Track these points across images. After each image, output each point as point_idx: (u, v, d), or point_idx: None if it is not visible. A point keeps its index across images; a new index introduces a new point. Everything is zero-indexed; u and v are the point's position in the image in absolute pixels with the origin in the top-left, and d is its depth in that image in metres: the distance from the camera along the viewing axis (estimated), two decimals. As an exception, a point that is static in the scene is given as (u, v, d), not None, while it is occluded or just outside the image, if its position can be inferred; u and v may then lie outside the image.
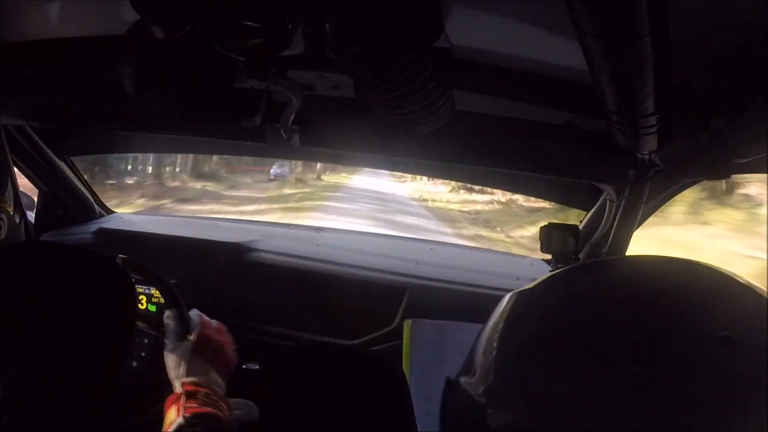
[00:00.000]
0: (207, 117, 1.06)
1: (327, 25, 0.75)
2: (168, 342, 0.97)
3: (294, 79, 0.91)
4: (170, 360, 0.94)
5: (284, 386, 1.41)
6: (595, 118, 0.98)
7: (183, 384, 0.88)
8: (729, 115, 0.71)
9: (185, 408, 0.82)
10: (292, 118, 0.99)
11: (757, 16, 0.61)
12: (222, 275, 1.53)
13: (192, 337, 0.96)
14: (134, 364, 1.29)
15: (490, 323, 0.54)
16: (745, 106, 0.68)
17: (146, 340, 1.30)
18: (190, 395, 0.85)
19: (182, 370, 0.90)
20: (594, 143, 1.02)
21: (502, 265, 1.68)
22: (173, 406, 0.84)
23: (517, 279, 1.52)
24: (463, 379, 0.52)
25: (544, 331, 0.48)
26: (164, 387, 1.24)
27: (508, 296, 0.55)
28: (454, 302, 1.44)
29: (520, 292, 0.54)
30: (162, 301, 1.41)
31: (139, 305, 1.42)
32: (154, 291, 1.42)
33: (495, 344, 0.50)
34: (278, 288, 1.52)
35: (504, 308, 0.54)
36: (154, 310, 1.43)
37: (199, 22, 0.72)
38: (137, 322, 1.24)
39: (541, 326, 0.48)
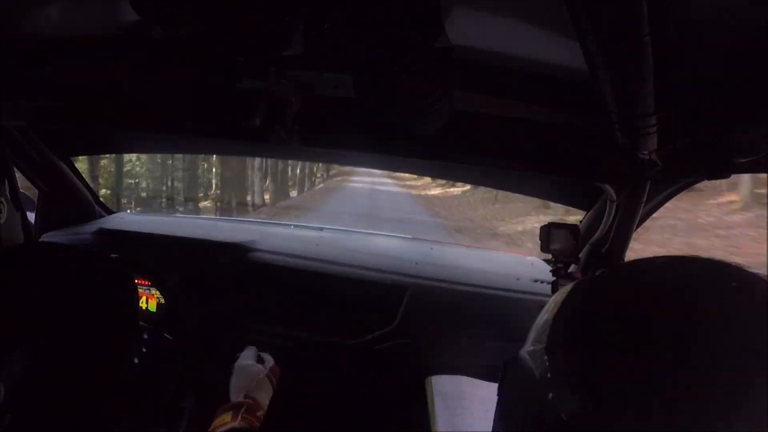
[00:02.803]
0: (207, 117, 1.06)
1: (327, 25, 0.75)
2: (244, 357, 1.08)
3: (294, 79, 0.91)
4: (242, 373, 1.04)
5: (285, 385, 1.41)
6: (595, 118, 0.98)
7: (247, 396, 0.97)
8: (729, 115, 0.71)
9: (242, 417, 0.91)
10: (292, 118, 0.99)
11: (758, 15, 0.61)
12: (222, 275, 1.53)
13: (268, 366, 1.08)
14: (136, 360, 1.29)
15: (551, 305, 0.56)
16: (745, 106, 0.68)
17: (146, 335, 1.30)
18: (250, 409, 0.93)
19: (253, 385, 1.00)
20: (594, 143, 1.02)
21: (502, 265, 1.69)
22: (231, 411, 0.92)
23: (518, 279, 1.52)
24: (525, 356, 0.54)
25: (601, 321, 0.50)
26: (165, 380, 1.25)
27: (570, 285, 0.57)
28: (454, 302, 1.44)
29: (578, 282, 0.57)
30: (162, 301, 1.41)
31: (140, 305, 1.43)
32: (154, 291, 1.42)
33: (553, 329, 0.52)
34: (278, 288, 1.52)
35: (564, 296, 0.56)
36: (154, 310, 1.43)
37: (199, 22, 0.72)
38: (138, 323, 1.24)
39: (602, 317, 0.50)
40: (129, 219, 1.87)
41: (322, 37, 0.75)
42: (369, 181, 22.62)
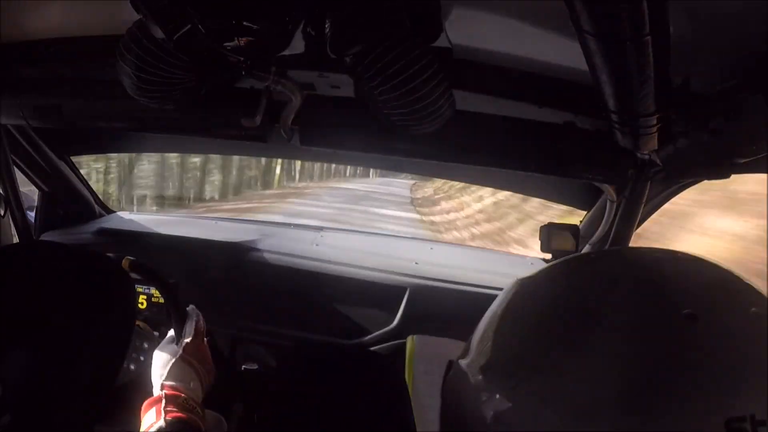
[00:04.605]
0: (207, 117, 1.06)
1: (327, 25, 0.75)
2: (161, 343, 0.97)
3: (294, 79, 0.91)
4: (157, 360, 0.94)
5: (284, 386, 1.41)
6: (595, 118, 0.98)
7: (163, 386, 0.87)
8: (729, 115, 0.71)
9: (166, 411, 0.81)
10: (292, 118, 0.99)
11: (757, 15, 0.61)
12: (222, 275, 1.53)
13: (183, 342, 0.95)
14: (132, 366, 1.29)
15: (493, 308, 0.56)
16: (745, 106, 0.68)
17: (146, 344, 1.30)
18: (170, 399, 0.84)
19: (165, 371, 0.90)
20: (594, 143, 1.02)
21: (502, 265, 1.69)
22: (152, 408, 0.83)
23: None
24: (462, 362, 0.53)
25: (541, 319, 0.50)
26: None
27: (511, 283, 0.57)
28: (454, 302, 1.44)
29: (523, 279, 0.56)
30: (161, 301, 1.41)
31: (139, 305, 1.43)
32: (153, 291, 1.42)
33: (495, 329, 0.53)
34: (278, 288, 1.52)
35: (507, 295, 0.56)
36: (153, 309, 1.43)
37: (198, 21, 0.72)
38: (137, 322, 1.24)
39: (539, 314, 0.50)
40: (129, 218, 1.87)
41: (322, 37, 0.75)
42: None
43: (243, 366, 1.31)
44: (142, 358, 1.29)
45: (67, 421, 0.77)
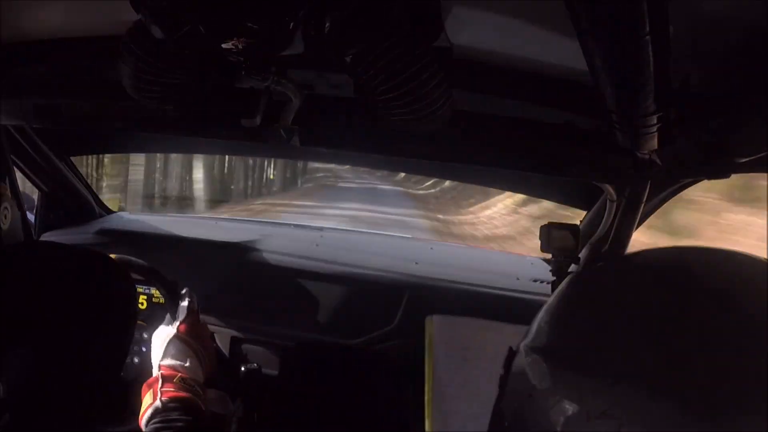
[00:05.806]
0: (207, 117, 1.06)
1: (327, 25, 0.75)
2: (158, 328, 0.98)
3: (294, 79, 0.91)
4: (154, 343, 0.94)
5: (284, 386, 1.41)
6: (595, 118, 0.98)
7: (160, 367, 0.88)
8: (729, 115, 0.71)
9: (162, 392, 0.82)
10: (291, 118, 0.99)
11: (758, 15, 0.61)
12: (222, 275, 1.53)
13: (177, 322, 0.95)
14: (136, 360, 1.29)
15: (556, 298, 0.53)
16: (745, 106, 0.68)
17: (145, 335, 1.30)
18: (166, 379, 0.84)
19: (162, 351, 0.90)
20: (594, 143, 1.02)
21: (502, 265, 1.69)
22: (149, 390, 0.83)
23: (517, 279, 1.52)
24: (526, 350, 0.51)
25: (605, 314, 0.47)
26: None
27: (572, 276, 0.55)
28: (454, 302, 1.44)
29: (584, 272, 0.54)
30: (162, 301, 1.41)
31: (139, 305, 1.43)
32: (154, 291, 1.42)
33: (560, 318, 0.50)
34: (278, 288, 1.52)
35: (569, 286, 0.53)
36: (155, 309, 1.43)
37: (198, 22, 0.72)
38: (138, 322, 1.24)
39: (606, 309, 0.47)
40: (129, 219, 1.87)
41: (322, 37, 0.75)
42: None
43: (243, 366, 1.31)
44: (144, 349, 1.29)
45: (67, 422, 0.77)
